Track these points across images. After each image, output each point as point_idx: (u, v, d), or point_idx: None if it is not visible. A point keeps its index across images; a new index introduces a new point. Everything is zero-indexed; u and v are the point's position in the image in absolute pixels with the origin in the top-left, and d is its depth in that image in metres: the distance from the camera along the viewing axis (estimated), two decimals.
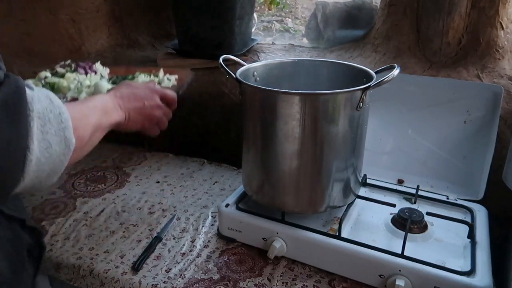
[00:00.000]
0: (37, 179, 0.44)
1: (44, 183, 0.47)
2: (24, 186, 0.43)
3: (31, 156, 0.41)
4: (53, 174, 0.46)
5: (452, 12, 0.98)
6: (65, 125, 0.44)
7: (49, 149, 0.43)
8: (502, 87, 0.88)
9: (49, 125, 0.42)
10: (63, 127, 0.44)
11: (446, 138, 0.95)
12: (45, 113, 0.42)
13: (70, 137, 0.45)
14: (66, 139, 0.45)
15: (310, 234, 0.78)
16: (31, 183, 0.44)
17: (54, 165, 0.45)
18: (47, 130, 0.42)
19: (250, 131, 0.81)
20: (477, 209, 0.88)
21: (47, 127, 0.42)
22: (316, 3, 1.31)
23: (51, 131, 0.43)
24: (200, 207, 1.00)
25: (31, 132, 0.41)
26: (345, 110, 0.73)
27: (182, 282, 0.76)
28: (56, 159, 0.44)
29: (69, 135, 0.45)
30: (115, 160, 1.24)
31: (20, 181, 0.42)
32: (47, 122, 0.42)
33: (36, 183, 0.45)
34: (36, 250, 0.60)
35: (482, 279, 0.67)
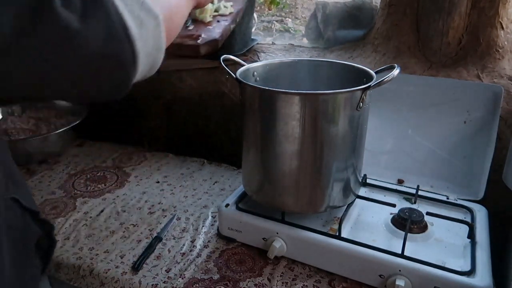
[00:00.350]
0: (150, 56, 0.45)
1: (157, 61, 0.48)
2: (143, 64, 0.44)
3: (132, 32, 0.42)
4: (159, 49, 0.47)
5: (452, 12, 0.98)
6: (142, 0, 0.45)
7: (142, 24, 0.43)
8: (502, 87, 0.88)
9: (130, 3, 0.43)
10: (141, 2, 0.44)
11: (446, 138, 0.95)
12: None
13: (151, 8, 0.45)
14: (150, 12, 0.44)
15: (310, 234, 0.78)
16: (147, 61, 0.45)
17: (154, 40, 0.45)
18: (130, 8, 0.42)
19: (250, 131, 0.81)
20: (477, 209, 0.88)
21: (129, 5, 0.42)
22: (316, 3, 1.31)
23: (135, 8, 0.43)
24: (200, 207, 1.00)
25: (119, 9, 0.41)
26: (345, 110, 0.73)
27: (182, 282, 0.76)
28: (153, 32, 0.45)
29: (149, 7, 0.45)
30: (115, 160, 1.24)
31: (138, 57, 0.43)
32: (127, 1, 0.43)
33: (151, 61, 0.46)
34: (45, 244, 0.61)
35: (482, 279, 0.67)
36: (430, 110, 0.95)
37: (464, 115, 0.92)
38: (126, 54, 0.42)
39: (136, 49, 0.42)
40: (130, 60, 0.42)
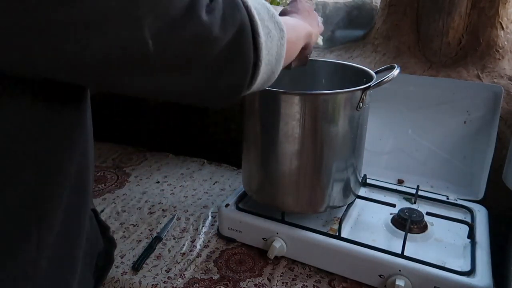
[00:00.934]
0: (270, 65, 0.48)
1: (275, 71, 0.50)
2: (262, 74, 0.47)
3: (261, 39, 0.45)
4: (279, 59, 0.50)
5: (452, 12, 0.98)
6: (272, 12, 0.48)
7: (270, 33, 0.46)
8: (502, 87, 0.88)
9: (263, 13, 0.46)
10: (272, 14, 0.48)
11: (446, 138, 0.95)
12: (254, 4, 0.46)
13: (280, 21, 0.49)
14: (278, 23, 0.48)
15: (310, 234, 0.78)
16: (266, 70, 0.48)
17: (277, 49, 0.48)
18: (262, 17, 0.46)
19: (250, 131, 0.81)
20: (477, 209, 0.88)
21: (262, 15, 0.46)
22: (316, 3, 1.31)
23: (265, 17, 0.46)
24: (200, 207, 1.00)
25: (255, 18, 0.44)
26: (345, 110, 0.73)
27: (182, 282, 0.76)
28: (278, 42, 0.48)
29: (278, 19, 0.48)
30: (115, 160, 1.24)
31: (260, 65, 0.46)
32: (260, 11, 0.46)
33: (269, 71, 0.49)
34: (101, 261, 0.60)
35: (482, 279, 0.68)
36: (430, 110, 0.95)
37: (464, 115, 0.92)
38: (250, 58, 0.44)
39: (260, 54, 0.45)
40: (252, 65, 0.45)
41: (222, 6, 0.41)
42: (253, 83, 0.47)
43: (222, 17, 0.41)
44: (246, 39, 0.43)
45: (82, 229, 0.50)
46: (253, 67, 0.45)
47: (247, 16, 0.44)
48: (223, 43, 0.41)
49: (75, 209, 0.48)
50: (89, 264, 0.55)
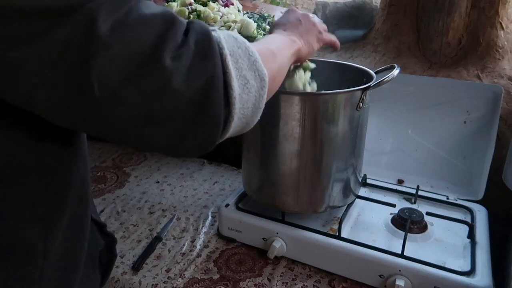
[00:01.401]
0: (244, 118, 0.44)
1: (251, 122, 0.47)
2: (234, 127, 0.43)
3: (234, 93, 0.41)
4: (256, 111, 0.46)
5: (452, 12, 0.98)
6: (254, 58, 0.44)
7: (247, 85, 0.43)
8: (502, 87, 0.88)
9: (241, 61, 0.42)
10: (253, 60, 0.43)
11: (446, 138, 0.95)
12: (234, 50, 0.42)
13: (262, 69, 0.44)
14: (259, 72, 0.44)
15: (310, 234, 0.78)
16: (239, 123, 0.44)
17: (255, 101, 0.44)
18: (240, 66, 0.42)
19: (250, 131, 0.80)
20: (477, 209, 0.88)
21: (240, 63, 0.42)
22: (316, 3, 1.31)
23: (244, 66, 0.42)
24: (200, 207, 1.00)
25: (229, 69, 0.40)
26: (345, 110, 0.73)
27: (182, 282, 0.76)
28: (256, 94, 0.44)
29: (260, 67, 0.44)
30: (115, 160, 1.24)
31: (231, 121, 0.42)
32: (239, 58, 0.42)
33: (244, 123, 0.45)
34: (105, 257, 0.60)
35: (482, 279, 0.67)
36: (430, 110, 0.95)
37: (464, 115, 0.92)
38: (219, 115, 0.40)
39: (232, 109, 0.41)
40: (222, 122, 0.41)
41: (192, 53, 0.37)
42: (223, 137, 0.44)
43: (189, 66, 0.37)
44: (216, 93, 0.39)
45: (85, 236, 0.50)
46: (224, 122, 0.41)
47: (220, 67, 0.40)
48: (187, 97, 0.37)
49: (78, 218, 0.48)
50: (90, 264, 0.55)
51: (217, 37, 0.41)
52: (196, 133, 0.40)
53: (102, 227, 0.59)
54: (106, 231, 0.60)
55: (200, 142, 0.42)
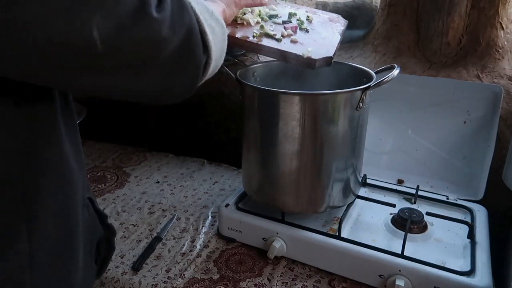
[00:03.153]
0: (216, 61, 0.51)
1: (219, 64, 0.53)
2: (211, 70, 0.50)
3: (209, 38, 0.47)
4: (222, 54, 0.53)
5: (452, 12, 0.98)
6: (211, 10, 0.50)
7: (214, 31, 0.49)
8: (502, 87, 0.88)
9: (204, 13, 0.48)
10: (211, 12, 0.50)
11: (446, 138, 0.95)
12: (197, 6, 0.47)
13: (219, 17, 0.51)
14: (218, 20, 0.50)
15: (310, 234, 0.78)
16: (213, 65, 0.50)
17: (221, 45, 0.51)
18: (205, 17, 0.48)
19: (250, 131, 0.81)
20: (477, 209, 0.88)
21: (204, 14, 0.47)
22: (316, 3, 1.31)
23: (207, 17, 0.48)
24: (200, 207, 1.00)
25: (200, 19, 0.46)
26: (345, 110, 0.73)
27: (182, 282, 0.76)
28: (221, 38, 0.51)
29: (218, 16, 0.51)
30: (115, 160, 1.24)
31: (210, 62, 0.48)
32: (202, 11, 0.48)
33: (215, 66, 0.51)
34: (103, 248, 0.61)
35: (482, 279, 0.68)
36: (430, 110, 0.95)
37: (464, 115, 0.92)
38: (201, 58, 0.46)
39: (211, 53, 0.48)
40: (204, 63, 0.47)
41: (170, 7, 0.42)
42: (203, 79, 0.49)
43: (171, 17, 0.41)
44: (196, 39, 0.45)
45: (76, 220, 0.50)
46: (204, 63, 0.47)
47: (194, 17, 0.45)
48: (174, 44, 0.42)
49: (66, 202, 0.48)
50: (90, 252, 0.56)
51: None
52: (182, 75, 0.46)
53: (104, 217, 0.60)
54: (106, 222, 0.61)
55: (186, 83, 0.48)
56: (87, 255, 0.54)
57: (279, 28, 0.78)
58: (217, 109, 1.29)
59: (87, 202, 0.55)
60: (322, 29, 0.81)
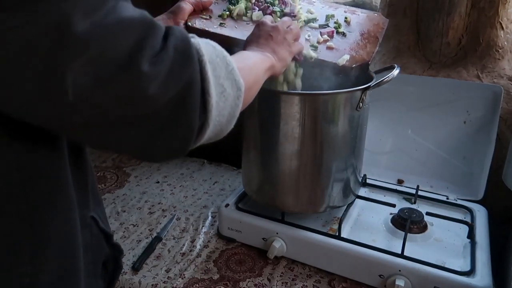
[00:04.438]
0: (219, 126, 0.45)
1: (225, 130, 0.48)
2: (208, 134, 0.44)
3: (212, 100, 0.41)
4: (231, 120, 0.47)
5: (452, 12, 0.97)
6: (232, 67, 0.45)
7: (224, 93, 0.43)
8: (502, 87, 0.88)
9: (219, 69, 0.43)
10: (231, 70, 0.44)
11: (446, 138, 0.95)
12: (212, 58, 0.42)
13: (239, 79, 0.45)
14: (236, 82, 0.45)
15: (310, 234, 0.78)
16: (214, 130, 0.45)
17: (231, 109, 0.45)
18: (218, 74, 0.42)
19: (250, 131, 0.81)
20: (477, 209, 0.88)
21: (217, 71, 0.42)
22: None
23: (222, 74, 0.43)
24: (200, 207, 1.00)
25: (207, 76, 0.41)
26: (345, 110, 0.73)
27: (182, 282, 0.76)
28: (232, 103, 0.45)
29: (237, 77, 0.45)
30: (115, 160, 1.24)
31: (207, 127, 0.42)
32: (217, 66, 0.42)
33: (218, 130, 0.46)
34: (111, 267, 0.59)
35: (482, 279, 0.68)
36: (430, 110, 0.95)
37: (464, 115, 0.92)
38: (195, 121, 0.41)
39: (209, 116, 0.42)
40: (196, 128, 0.41)
41: (171, 58, 0.37)
42: (197, 143, 0.44)
43: (168, 71, 0.37)
44: (191, 99, 0.39)
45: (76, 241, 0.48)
46: (200, 128, 0.42)
47: (198, 73, 0.40)
48: (162, 102, 0.37)
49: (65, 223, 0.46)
50: (93, 272, 0.54)
51: (196, 44, 0.42)
52: (169, 138, 0.40)
53: (109, 237, 0.57)
54: (112, 242, 0.58)
55: (173, 147, 0.42)
56: (90, 276, 0.53)
57: (315, 33, 0.77)
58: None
59: (90, 222, 0.53)
60: (360, 31, 0.79)
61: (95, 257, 0.54)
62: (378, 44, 0.77)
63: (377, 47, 0.77)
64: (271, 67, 0.61)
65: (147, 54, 0.35)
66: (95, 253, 0.54)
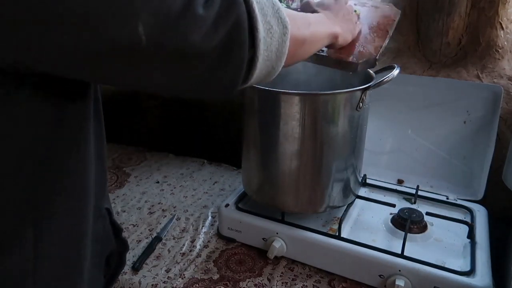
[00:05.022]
0: (269, 61, 0.47)
1: (276, 67, 0.49)
2: (260, 68, 0.46)
3: (259, 35, 0.44)
4: (280, 56, 0.48)
5: (452, 12, 0.97)
6: (278, 7, 0.47)
7: (271, 30, 0.45)
8: (501, 87, 0.88)
9: (266, 8, 0.45)
10: (277, 9, 0.46)
11: (446, 138, 0.95)
12: None
13: (284, 17, 0.47)
14: (281, 19, 0.47)
15: (310, 234, 0.78)
16: (265, 66, 0.47)
17: (278, 46, 0.47)
18: (265, 12, 0.45)
19: (250, 131, 0.81)
20: (477, 209, 0.88)
21: (265, 10, 0.45)
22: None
23: (268, 13, 0.45)
24: (200, 207, 1.00)
25: (255, 13, 0.43)
26: (345, 110, 0.73)
27: (182, 282, 0.76)
28: (279, 39, 0.47)
29: (282, 15, 0.47)
30: (115, 160, 1.24)
31: (256, 61, 0.45)
32: (264, 5, 0.45)
33: (269, 67, 0.48)
34: (114, 262, 0.59)
35: (482, 279, 0.68)
36: (430, 110, 0.95)
37: (464, 115, 0.92)
38: (244, 56, 0.43)
39: (258, 50, 0.44)
40: (245, 63, 0.44)
41: (219, 2, 0.41)
42: (250, 78, 0.46)
43: (217, 12, 0.40)
44: (241, 35, 0.42)
45: (85, 230, 0.49)
46: (249, 62, 0.45)
47: (245, 12, 0.43)
48: (217, 39, 0.41)
49: (76, 210, 0.47)
50: (98, 265, 0.55)
51: None
52: (224, 70, 0.43)
53: (119, 231, 0.58)
54: (121, 236, 0.59)
55: (226, 81, 0.45)
56: (94, 267, 0.53)
57: None
58: (217, 109, 1.29)
59: (104, 213, 0.54)
60: (369, 24, 0.76)
61: (102, 249, 0.55)
62: (388, 37, 0.75)
63: (387, 40, 0.74)
64: (335, 36, 0.63)
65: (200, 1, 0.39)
66: (103, 246, 0.55)
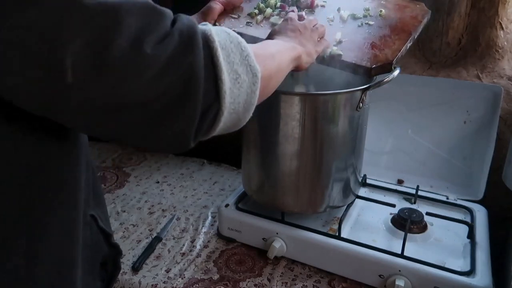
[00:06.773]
0: (235, 114, 0.44)
1: (243, 119, 0.46)
2: (225, 122, 0.43)
3: (224, 87, 0.40)
4: (248, 107, 0.45)
5: (451, 12, 0.97)
6: (246, 53, 0.43)
7: (238, 79, 0.42)
8: (501, 87, 0.88)
9: (232, 55, 0.42)
10: (246, 55, 0.43)
11: (446, 138, 0.95)
12: (226, 44, 0.42)
13: (254, 64, 0.44)
14: (251, 67, 0.43)
15: (310, 234, 0.78)
16: (230, 118, 0.44)
17: (247, 97, 0.44)
18: (231, 60, 0.41)
19: (250, 131, 0.81)
20: (477, 209, 0.88)
21: (231, 57, 0.41)
22: None
23: (236, 60, 0.42)
24: (200, 207, 1.00)
25: (219, 62, 0.40)
26: (345, 110, 0.73)
27: (182, 282, 0.76)
28: (248, 89, 0.43)
29: (252, 62, 0.44)
30: (115, 160, 1.24)
31: (221, 115, 0.41)
32: (230, 52, 0.42)
33: (235, 119, 0.45)
34: (109, 268, 0.59)
35: (482, 279, 0.68)
36: (430, 110, 0.95)
37: (464, 115, 0.92)
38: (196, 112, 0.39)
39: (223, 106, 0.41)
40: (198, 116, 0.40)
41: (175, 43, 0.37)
42: (212, 132, 0.43)
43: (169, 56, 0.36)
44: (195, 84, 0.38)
45: (77, 238, 0.48)
46: (214, 116, 0.41)
47: (202, 61, 0.39)
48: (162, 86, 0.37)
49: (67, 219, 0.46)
50: (91, 271, 0.54)
51: (207, 31, 0.41)
52: (169, 125, 0.39)
53: (108, 236, 0.57)
54: (111, 241, 0.58)
55: (174, 135, 0.40)
56: (87, 274, 0.52)
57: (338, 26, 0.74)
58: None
59: (89, 220, 0.53)
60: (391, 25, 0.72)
61: (93, 255, 0.54)
62: (411, 40, 0.70)
63: (408, 44, 0.70)
64: (297, 57, 0.60)
65: (150, 39, 0.35)
66: (93, 251, 0.53)
